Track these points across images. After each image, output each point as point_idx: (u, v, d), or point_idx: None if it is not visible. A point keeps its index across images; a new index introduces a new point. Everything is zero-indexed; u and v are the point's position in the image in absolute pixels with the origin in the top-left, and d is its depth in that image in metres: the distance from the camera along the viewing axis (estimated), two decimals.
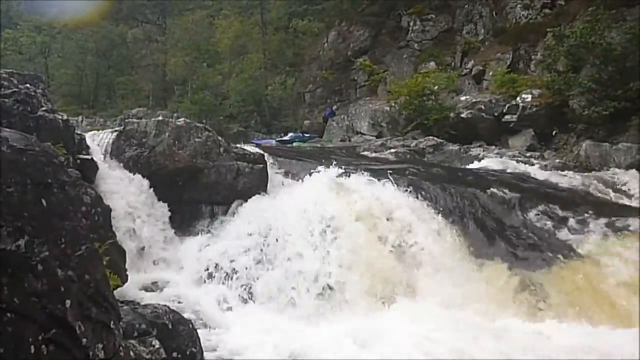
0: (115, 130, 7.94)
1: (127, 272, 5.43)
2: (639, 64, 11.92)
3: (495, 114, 14.96)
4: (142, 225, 6.72)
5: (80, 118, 26.68)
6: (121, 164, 7.25)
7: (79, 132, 7.29)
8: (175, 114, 22.84)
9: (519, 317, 5.73)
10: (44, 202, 2.27)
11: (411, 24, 22.50)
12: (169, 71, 31.01)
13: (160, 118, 8.23)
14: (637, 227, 6.72)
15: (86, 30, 33.87)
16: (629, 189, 9.01)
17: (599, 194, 8.70)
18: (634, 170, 9.69)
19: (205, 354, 3.95)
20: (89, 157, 6.84)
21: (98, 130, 9.35)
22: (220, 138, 7.78)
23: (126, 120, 8.53)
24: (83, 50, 34.25)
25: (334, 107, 21.73)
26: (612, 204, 8.05)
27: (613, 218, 7.10)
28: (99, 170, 6.89)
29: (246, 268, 6.53)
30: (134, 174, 7.11)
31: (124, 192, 6.85)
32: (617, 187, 9.10)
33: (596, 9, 14.02)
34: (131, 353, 3.01)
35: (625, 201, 8.44)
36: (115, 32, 35.37)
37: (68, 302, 2.37)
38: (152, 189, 7.05)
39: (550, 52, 15.00)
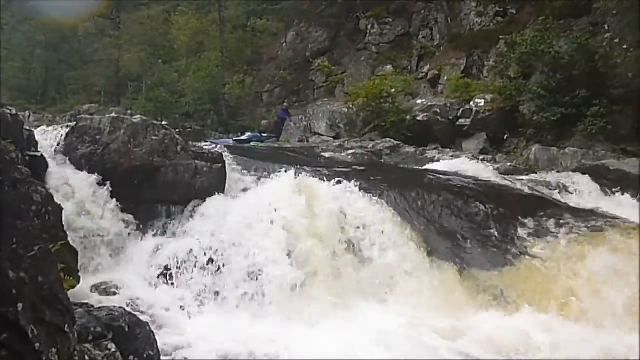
0: (67, 127, 7.66)
1: (80, 274, 5.25)
2: (585, 72, 12.49)
3: (450, 118, 15.36)
4: (95, 225, 6.50)
5: (27, 113, 25.58)
6: (73, 162, 6.99)
7: (27, 127, 7.00)
8: (130, 111, 22.29)
9: (474, 315, 5.90)
10: None
11: (369, 27, 22.79)
12: (123, 67, 30.21)
13: (114, 115, 7.98)
14: (587, 228, 7.02)
15: (35, 23, 32.60)
16: (576, 192, 9.44)
17: (549, 197, 9.05)
18: (579, 174, 10.13)
19: (162, 357, 3.87)
20: (38, 154, 6.57)
21: (47, 126, 9.00)
22: (178, 136, 7.63)
23: (79, 117, 8.24)
24: (32, 42, 32.91)
25: (284, 106, 21.57)
26: (561, 206, 8.38)
27: (563, 219, 7.40)
28: (50, 168, 6.63)
29: (203, 269, 6.44)
30: (87, 172, 6.87)
31: (76, 191, 6.62)
32: (566, 190, 9.51)
33: (546, 19, 14.64)
34: (86, 357, 2.91)
35: (572, 203, 8.81)
36: (66, 25, 34.14)
37: (20, 305, 2.28)
38: (106, 187, 6.82)
39: (502, 59, 15.55)
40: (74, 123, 7.59)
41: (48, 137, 7.49)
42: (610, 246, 6.54)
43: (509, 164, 12.01)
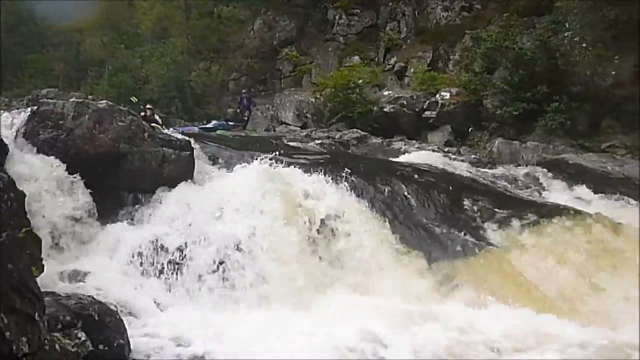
0: (27, 111, 7.40)
1: (44, 262, 5.12)
2: (546, 69, 12.85)
3: (416, 110, 15.57)
4: (58, 212, 6.33)
5: None
6: (35, 147, 6.78)
7: None
8: (91, 97, 21.64)
9: (442, 303, 6.05)
10: None
11: (337, 17, 22.75)
12: (84, 51, 29.27)
13: (78, 99, 7.73)
14: (546, 220, 7.28)
15: None
16: (537, 185, 9.75)
17: (511, 188, 9.33)
18: (539, 167, 10.46)
19: (132, 345, 3.83)
20: None
21: (3, 110, 8.68)
22: (144, 123, 7.48)
23: (40, 100, 7.97)
24: None
25: (244, 92, 21.08)
26: (522, 199, 8.65)
27: (525, 211, 7.65)
28: (9, 153, 6.41)
29: (170, 257, 6.38)
30: (50, 157, 6.67)
31: (38, 177, 6.42)
32: (527, 182, 9.81)
33: (510, 16, 14.97)
34: (56, 346, 2.86)
35: (535, 196, 9.11)
36: (23, 6, 32.79)
37: None
38: (69, 173, 6.64)
39: (468, 54, 15.84)
40: (35, 107, 7.33)
41: (7, 122, 7.23)
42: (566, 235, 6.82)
43: (472, 156, 12.26)
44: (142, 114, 15.43)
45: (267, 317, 5.63)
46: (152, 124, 9.60)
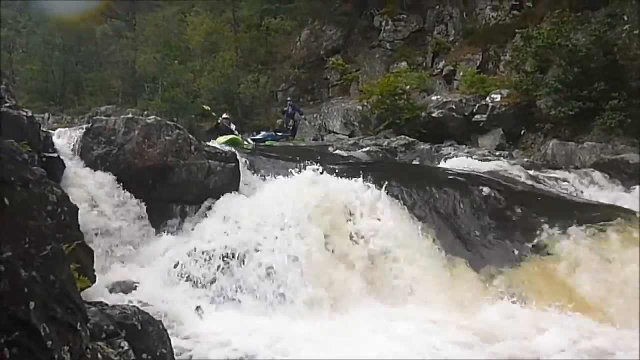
0: (83, 128, 7.75)
1: (95, 273, 5.31)
2: (602, 65, 12.27)
3: (465, 114, 15.23)
4: (110, 225, 6.57)
5: (46, 115, 25.95)
6: (89, 163, 7.07)
7: (44, 129, 7.10)
8: (146, 112, 22.46)
9: (491, 311, 5.84)
10: (6, 200, 2.19)
11: (383, 23, 22.67)
12: (139, 68, 30.44)
13: (130, 116, 8.05)
14: (608, 227, 6.87)
15: (52, 25, 33.01)
16: (595, 187, 9.28)
17: (566, 192, 8.92)
18: (597, 169, 9.96)
19: (175, 355, 3.90)
20: (55, 155, 6.66)
21: (65, 127, 9.12)
22: (191, 136, 7.66)
23: (94, 118, 8.33)
24: (49, 45, 33.32)
25: (289, 100, 21.33)
26: (581, 203, 8.25)
27: (582, 217, 7.26)
28: (66, 169, 6.72)
29: (217, 268, 6.46)
30: (103, 172, 6.95)
31: (92, 191, 6.70)
32: (584, 185, 9.35)
33: (562, 12, 14.40)
34: (99, 355, 2.93)
35: (592, 199, 8.66)
36: (83, 27, 34.53)
37: (32, 303, 2.30)
38: (121, 187, 6.90)
39: (518, 53, 15.36)
40: (90, 124, 7.66)
41: (65, 138, 7.58)
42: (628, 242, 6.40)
43: (525, 159, 11.88)
44: (218, 121, 15.98)
45: (313, 326, 5.60)
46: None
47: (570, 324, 5.49)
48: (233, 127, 15.84)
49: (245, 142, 14.39)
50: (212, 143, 12.81)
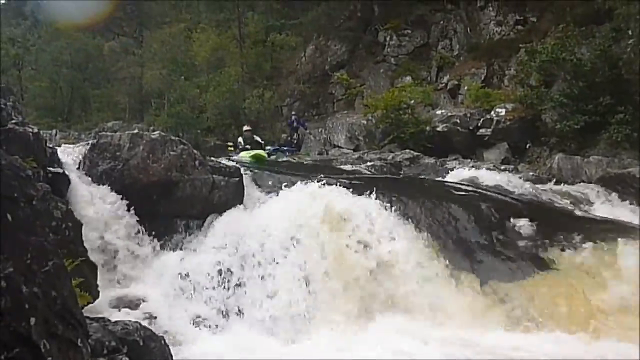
0: (89, 144, 7.80)
1: (99, 289, 5.30)
2: (608, 79, 12.26)
3: (470, 128, 15.21)
4: (114, 241, 6.57)
5: (54, 131, 26.18)
6: (94, 178, 7.10)
7: (50, 145, 7.14)
8: (152, 127, 22.63)
9: (495, 328, 5.77)
10: (9, 216, 2.20)
11: (387, 38, 22.79)
12: (146, 84, 30.74)
13: (135, 131, 8.10)
14: (611, 241, 6.81)
15: (61, 43, 33.46)
16: (601, 202, 9.21)
17: (572, 206, 8.85)
18: (603, 183, 9.89)
19: None
20: (60, 170, 6.69)
21: (72, 143, 9.18)
22: (195, 151, 7.69)
23: (99, 133, 8.39)
24: (58, 62, 33.77)
25: (293, 114, 21.52)
26: (586, 218, 8.18)
27: (588, 231, 7.20)
28: (71, 184, 6.75)
29: (221, 283, 6.44)
30: (107, 187, 6.97)
31: (96, 207, 6.71)
32: (590, 199, 9.29)
33: (567, 26, 14.44)
34: None
35: (598, 214, 8.59)
36: (91, 44, 34.99)
37: (33, 319, 2.29)
38: (125, 203, 6.91)
39: (523, 68, 15.37)
40: (95, 140, 7.71)
41: (71, 154, 7.63)
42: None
43: (531, 173, 11.81)
44: (243, 133, 15.85)
45: (323, 344, 5.55)
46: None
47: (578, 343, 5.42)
48: (258, 138, 15.74)
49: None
50: (235, 157, 12.87)
